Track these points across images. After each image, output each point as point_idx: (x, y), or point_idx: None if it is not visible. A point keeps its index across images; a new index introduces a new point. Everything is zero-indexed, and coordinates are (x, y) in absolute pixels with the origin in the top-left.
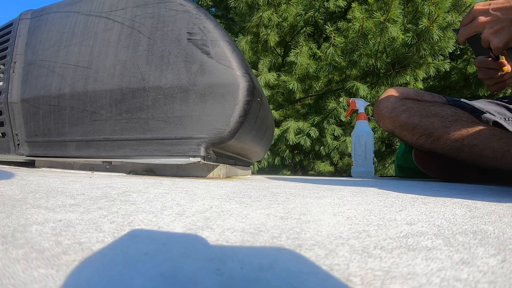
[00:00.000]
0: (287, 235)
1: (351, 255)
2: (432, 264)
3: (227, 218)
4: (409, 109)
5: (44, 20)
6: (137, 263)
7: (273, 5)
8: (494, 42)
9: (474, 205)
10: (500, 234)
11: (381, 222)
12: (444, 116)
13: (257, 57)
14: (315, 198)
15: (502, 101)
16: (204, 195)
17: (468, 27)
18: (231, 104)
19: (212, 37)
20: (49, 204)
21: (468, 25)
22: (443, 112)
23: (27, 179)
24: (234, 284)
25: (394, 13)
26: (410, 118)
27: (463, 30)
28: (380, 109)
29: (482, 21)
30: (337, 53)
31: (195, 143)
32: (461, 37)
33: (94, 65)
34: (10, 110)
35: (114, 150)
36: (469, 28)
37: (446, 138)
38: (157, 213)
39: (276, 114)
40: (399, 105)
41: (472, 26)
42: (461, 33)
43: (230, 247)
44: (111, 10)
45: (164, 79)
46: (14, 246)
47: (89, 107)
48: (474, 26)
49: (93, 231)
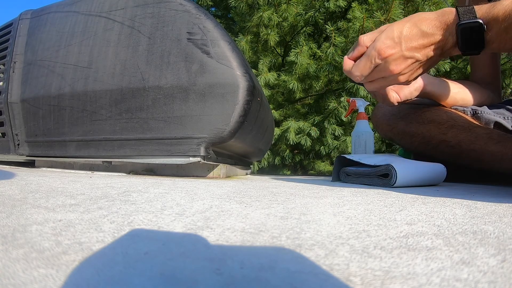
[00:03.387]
0: (287, 235)
1: (351, 255)
2: (432, 264)
3: (227, 218)
4: (406, 115)
5: (44, 20)
6: (137, 263)
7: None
8: (404, 91)
9: (474, 205)
10: (500, 234)
11: (381, 222)
12: (440, 122)
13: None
14: (315, 198)
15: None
16: (204, 195)
17: (377, 73)
18: (231, 104)
19: (212, 37)
20: (49, 204)
21: (377, 70)
22: (439, 117)
23: (27, 179)
24: (234, 284)
25: (394, 13)
26: (407, 126)
27: (363, 77)
28: (378, 116)
29: (396, 71)
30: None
31: (195, 143)
32: (369, 88)
33: (94, 65)
34: (10, 110)
35: (114, 150)
36: (378, 73)
37: (444, 145)
38: (157, 213)
39: (276, 114)
40: (396, 112)
41: (382, 73)
42: (358, 77)
43: (230, 247)
44: (111, 10)
45: (164, 79)
46: (14, 246)
47: (89, 107)
48: (388, 78)
49: (93, 231)
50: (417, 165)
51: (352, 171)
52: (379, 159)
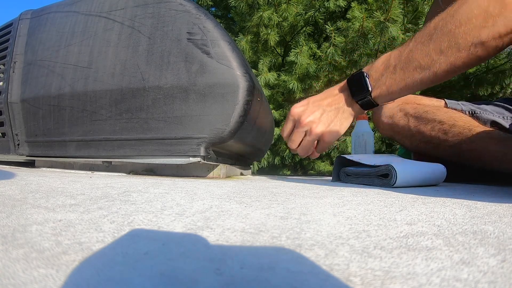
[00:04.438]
0: (287, 235)
1: (351, 255)
2: (432, 264)
3: (227, 218)
4: (407, 115)
5: (44, 20)
6: (137, 263)
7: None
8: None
9: (474, 205)
10: (500, 234)
11: (381, 222)
12: (441, 121)
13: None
14: (315, 198)
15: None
16: (204, 195)
17: (298, 133)
18: (231, 104)
19: (212, 37)
20: (49, 204)
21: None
22: (439, 117)
23: (27, 179)
24: (234, 284)
25: (394, 13)
26: (408, 125)
27: (295, 146)
28: (378, 115)
29: (307, 120)
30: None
31: (195, 143)
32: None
33: (94, 65)
34: (10, 110)
35: (114, 150)
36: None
37: (445, 145)
38: (157, 213)
39: (276, 114)
40: (397, 111)
41: (300, 131)
42: (293, 147)
43: (230, 247)
44: (111, 10)
45: (164, 79)
46: (14, 246)
47: (89, 107)
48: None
49: (93, 231)
50: (417, 165)
51: (352, 171)
52: (379, 159)
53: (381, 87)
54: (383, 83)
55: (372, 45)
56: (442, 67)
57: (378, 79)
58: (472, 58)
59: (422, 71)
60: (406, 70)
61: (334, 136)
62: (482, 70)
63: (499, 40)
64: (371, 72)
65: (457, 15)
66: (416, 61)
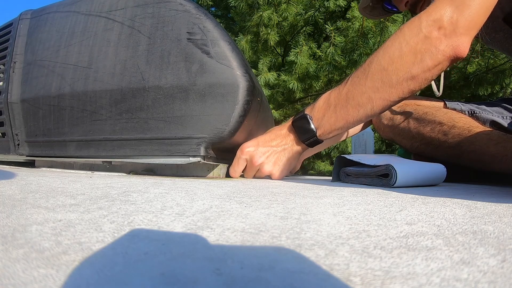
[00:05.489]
0: (287, 235)
1: (351, 255)
2: (432, 264)
3: (227, 218)
4: (407, 117)
5: (44, 20)
6: (137, 263)
7: (273, 4)
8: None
9: (474, 205)
10: (500, 234)
11: (381, 222)
12: (441, 123)
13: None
14: (315, 198)
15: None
16: (204, 195)
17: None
18: (231, 103)
19: (212, 36)
20: (49, 204)
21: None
22: (439, 118)
23: (27, 179)
24: (234, 284)
25: None
26: (408, 127)
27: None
28: (378, 117)
29: (259, 161)
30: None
31: (195, 143)
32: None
33: (94, 65)
34: (10, 110)
35: (114, 150)
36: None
37: (445, 146)
38: (157, 213)
39: (276, 114)
40: (397, 113)
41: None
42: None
43: (230, 247)
44: (111, 10)
45: (164, 78)
46: (14, 246)
47: (89, 107)
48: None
49: (93, 231)
50: (417, 165)
51: (352, 171)
52: (379, 159)
53: (325, 126)
54: (326, 122)
55: (372, 44)
56: (378, 103)
57: (321, 119)
58: (405, 91)
59: (360, 108)
60: (345, 109)
61: (283, 173)
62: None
63: (428, 73)
64: (314, 113)
65: (389, 52)
66: (354, 99)
